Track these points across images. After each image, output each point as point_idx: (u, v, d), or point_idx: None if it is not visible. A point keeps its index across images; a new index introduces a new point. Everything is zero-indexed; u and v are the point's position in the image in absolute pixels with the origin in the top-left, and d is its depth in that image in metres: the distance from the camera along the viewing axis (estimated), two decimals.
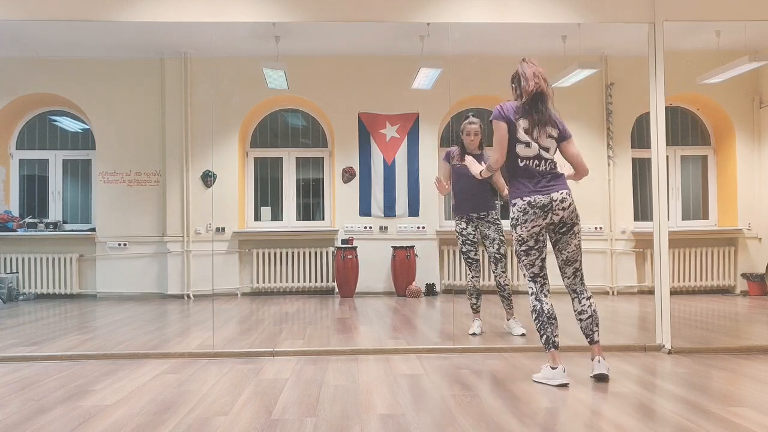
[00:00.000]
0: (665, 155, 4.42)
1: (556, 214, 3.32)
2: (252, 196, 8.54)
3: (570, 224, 3.36)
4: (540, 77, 3.37)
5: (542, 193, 3.32)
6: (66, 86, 8.03)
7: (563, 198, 3.32)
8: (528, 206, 3.32)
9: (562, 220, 3.34)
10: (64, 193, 8.47)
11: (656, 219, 4.39)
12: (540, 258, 3.40)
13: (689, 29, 6.49)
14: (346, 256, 7.79)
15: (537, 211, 3.31)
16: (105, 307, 6.95)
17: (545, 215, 3.32)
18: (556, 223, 3.35)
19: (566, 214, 3.34)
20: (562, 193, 3.33)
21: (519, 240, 3.40)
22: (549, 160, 3.40)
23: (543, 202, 3.31)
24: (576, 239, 3.39)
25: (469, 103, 8.20)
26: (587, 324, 3.41)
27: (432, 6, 4.44)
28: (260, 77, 7.17)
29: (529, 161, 3.36)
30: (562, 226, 3.37)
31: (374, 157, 8.23)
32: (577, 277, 3.44)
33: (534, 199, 3.32)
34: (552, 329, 3.34)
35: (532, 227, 3.34)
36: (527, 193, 3.34)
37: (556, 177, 3.39)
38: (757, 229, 8.00)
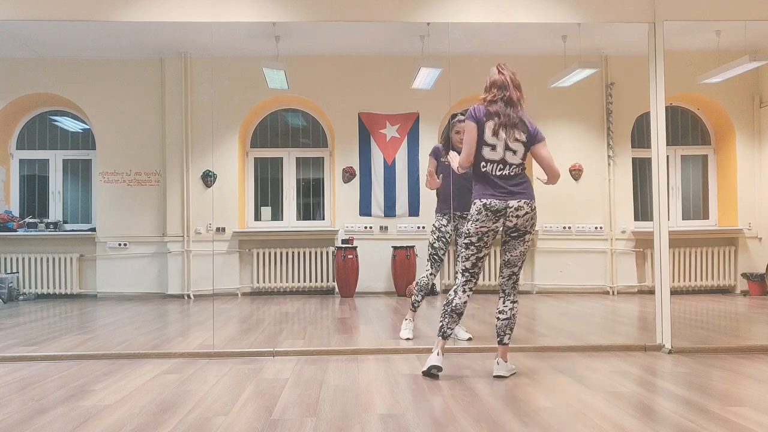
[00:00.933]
0: (665, 155, 4.42)
1: (510, 221, 3.42)
2: (252, 196, 8.54)
3: (522, 231, 3.45)
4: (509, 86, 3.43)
5: (499, 198, 3.40)
6: (66, 86, 8.03)
7: (519, 206, 3.40)
8: (483, 208, 3.42)
9: (515, 226, 3.44)
10: (65, 193, 8.47)
11: (656, 219, 4.39)
12: (476, 256, 3.50)
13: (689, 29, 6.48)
14: (346, 255, 7.79)
15: (489, 214, 3.41)
16: (105, 307, 6.95)
17: (497, 219, 3.41)
18: (509, 227, 3.45)
19: (520, 222, 3.42)
20: (519, 201, 3.40)
21: (466, 233, 3.51)
22: (514, 165, 3.43)
23: (497, 207, 3.40)
24: (523, 246, 3.49)
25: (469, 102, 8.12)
26: (503, 324, 3.56)
27: (432, 6, 4.44)
28: (260, 77, 7.17)
29: (491, 165, 3.42)
30: (514, 231, 3.46)
31: (374, 156, 8.23)
32: (510, 280, 3.57)
33: (490, 203, 3.41)
34: (449, 321, 3.54)
35: (480, 226, 3.44)
36: (485, 195, 3.43)
37: (519, 184, 3.43)
38: (757, 228, 8.00)
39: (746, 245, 8.04)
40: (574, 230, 7.97)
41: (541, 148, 3.47)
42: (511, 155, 3.42)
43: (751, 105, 8.10)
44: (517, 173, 3.43)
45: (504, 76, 3.45)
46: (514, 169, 3.43)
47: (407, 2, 4.44)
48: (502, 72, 3.47)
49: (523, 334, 4.87)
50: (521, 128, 3.43)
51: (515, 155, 3.43)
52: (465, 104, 8.16)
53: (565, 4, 4.46)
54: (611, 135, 8.01)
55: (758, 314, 6.25)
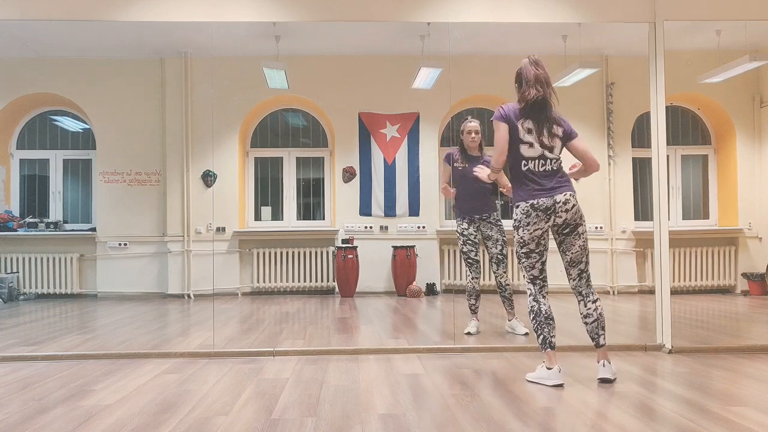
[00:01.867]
0: (666, 155, 4.42)
1: (559, 216, 3.31)
2: (252, 196, 8.54)
3: (573, 225, 3.34)
4: (543, 82, 3.35)
5: (546, 195, 3.30)
6: (66, 86, 8.03)
7: (566, 200, 3.30)
8: (531, 209, 3.31)
9: (565, 222, 3.33)
10: (65, 192, 8.47)
11: (657, 218, 4.39)
12: (540, 261, 3.40)
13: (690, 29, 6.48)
14: (346, 255, 7.79)
15: (540, 213, 3.30)
16: (105, 307, 6.95)
17: (548, 218, 3.31)
18: (559, 224, 3.34)
19: (569, 215, 3.31)
20: (565, 195, 3.31)
21: (520, 242, 3.38)
22: (554, 160, 3.36)
23: (546, 204, 3.29)
24: (580, 240, 3.36)
25: (469, 102, 8.20)
26: (593, 328, 3.39)
27: (432, 5, 4.44)
28: (260, 77, 7.17)
29: (532, 162, 3.34)
30: (565, 228, 3.34)
31: (375, 156, 8.23)
32: (582, 279, 3.41)
33: (537, 202, 3.30)
34: (549, 329, 3.33)
35: (534, 230, 3.33)
36: (530, 195, 3.31)
37: (561, 177, 3.36)
38: (757, 228, 8.00)
39: (746, 245, 8.03)
40: None
41: (578, 142, 3.42)
42: (548, 151, 3.36)
43: (752, 105, 8.10)
44: (557, 168, 3.37)
45: (537, 72, 3.36)
46: (554, 163, 3.36)
47: (407, 2, 4.44)
48: (540, 67, 3.38)
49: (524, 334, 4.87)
50: (556, 123, 3.39)
51: (552, 151, 3.37)
52: (465, 104, 8.19)
53: (566, 4, 4.45)
54: (611, 135, 8.01)
55: (758, 314, 6.25)
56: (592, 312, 3.40)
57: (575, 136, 3.43)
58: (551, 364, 3.31)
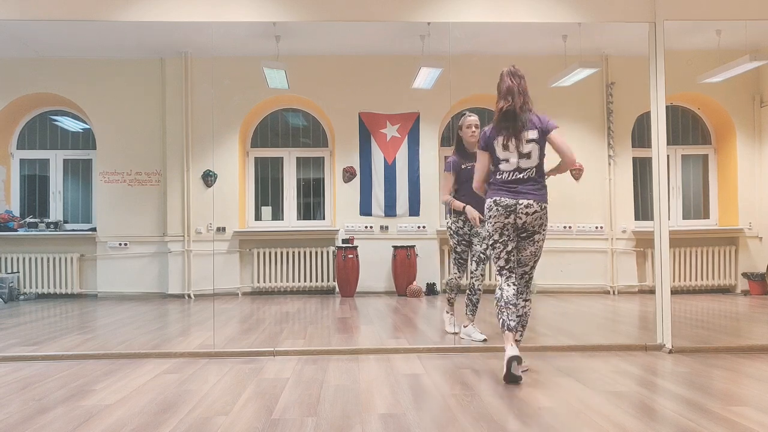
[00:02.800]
0: (666, 154, 4.42)
1: (519, 218, 3.49)
2: (252, 196, 8.54)
3: (531, 231, 3.53)
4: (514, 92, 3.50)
5: (509, 196, 3.50)
6: (66, 86, 8.03)
7: (528, 204, 3.48)
8: (493, 203, 3.53)
9: (524, 225, 3.51)
10: (65, 192, 8.47)
11: (657, 218, 4.39)
12: (505, 251, 3.55)
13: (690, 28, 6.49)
14: (346, 255, 7.79)
15: (500, 209, 3.50)
16: (106, 307, 6.95)
17: (507, 214, 3.49)
18: (519, 226, 3.51)
19: (529, 219, 3.49)
20: (530, 200, 3.48)
21: (487, 235, 3.63)
22: (528, 169, 3.50)
23: (507, 202, 3.50)
24: (533, 246, 3.57)
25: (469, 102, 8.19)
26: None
27: (432, 5, 4.44)
28: (261, 77, 7.17)
29: (506, 173, 3.53)
30: (523, 231, 3.53)
31: (375, 156, 8.23)
32: (523, 279, 3.64)
33: (500, 199, 3.51)
34: (508, 313, 3.47)
35: (495, 222, 3.53)
36: (496, 194, 3.55)
37: (532, 186, 3.50)
38: (757, 228, 8.00)
39: (747, 245, 8.03)
40: (574, 230, 7.97)
41: (554, 137, 3.50)
42: (525, 161, 3.51)
43: (752, 104, 8.10)
44: (531, 177, 3.51)
45: (513, 83, 3.51)
46: (528, 173, 3.51)
47: (407, 2, 4.44)
48: (515, 77, 3.53)
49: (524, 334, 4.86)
50: (529, 127, 3.48)
51: (530, 159, 3.51)
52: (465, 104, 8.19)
53: (566, 4, 4.45)
54: (612, 135, 8.01)
55: (759, 314, 6.24)
56: (519, 308, 3.60)
57: (551, 128, 3.52)
58: (506, 344, 3.41)
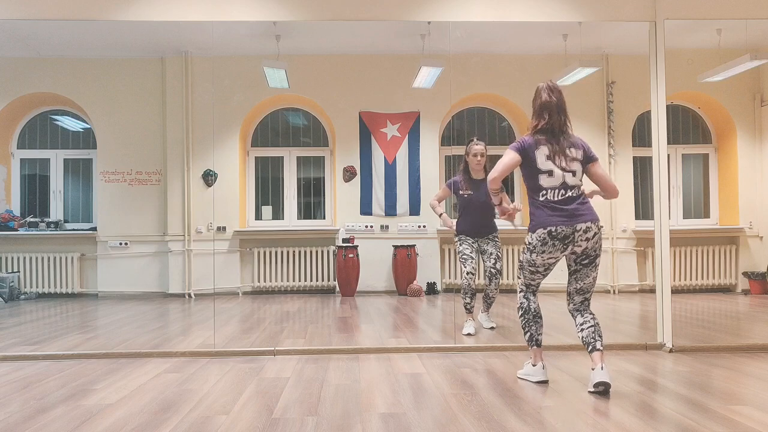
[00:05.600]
0: (666, 154, 4.42)
1: (579, 246, 3.16)
2: (253, 195, 8.54)
3: (593, 256, 3.21)
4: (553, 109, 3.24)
5: (565, 223, 3.14)
6: (67, 86, 8.04)
7: (587, 228, 3.14)
8: (548, 236, 3.16)
9: (585, 252, 3.19)
10: (65, 192, 8.47)
11: (657, 217, 4.39)
12: (542, 280, 3.38)
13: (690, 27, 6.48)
14: (347, 255, 7.79)
15: (557, 243, 3.16)
16: (106, 307, 6.95)
17: (565, 247, 3.17)
18: (578, 254, 3.21)
19: (590, 245, 3.17)
20: (587, 223, 3.15)
21: (530, 262, 3.29)
22: (574, 187, 3.20)
23: (565, 232, 3.14)
24: (595, 272, 3.25)
25: (470, 101, 8.21)
26: (589, 333, 3.22)
27: (433, 5, 4.44)
28: (261, 76, 7.18)
29: (551, 192, 3.19)
30: (584, 258, 3.21)
31: (375, 155, 8.23)
32: (584, 305, 3.31)
33: (556, 230, 3.15)
34: (537, 327, 3.35)
35: (548, 258, 3.23)
36: (550, 222, 3.16)
37: (582, 204, 3.19)
38: (758, 227, 8.00)
39: (747, 244, 8.03)
40: None
41: (596, 167, 3.26)
42: (570, 177, 3.19)
43: (752, 103, 8.09)
44: (578, 194, 3.20)
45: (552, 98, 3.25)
46: (575, 190, 3.19)
47: (408, 1, 4.44)
48: (553, 93, 3.27)
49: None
50: (574, 146, 3.24)
51: (574, 176, 3.20)
52: (465, 103, 8.20)
53: (566, 3, 4.45)
54: (612, 134, 8.01)
55: (759, 313, 6.24)
56: (590, 319, 3.26)
57: (595, 159, 3.28)
58: (536, 361, 3.35)
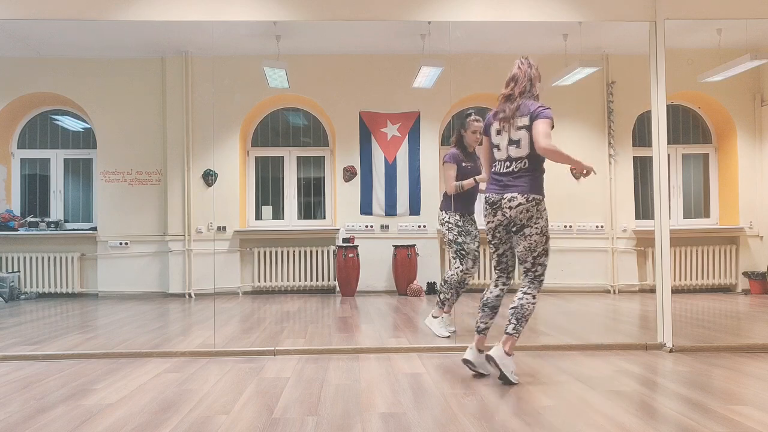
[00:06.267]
0: (666, 153, 4.42)
1: (504, 214, 3.42)
2: (253, 195, 8.54)
3: (520, 225, 3.40)
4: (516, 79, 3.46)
5: (496, 192, 3.46)
6: (67, 85, 8.04)
7: (511, 197, 3.38)
8: (485, 202, 3.52)
9: (511, 220, 3.41)
10: (66, 192, 8.48)
11: (657, 217, 4.39)
12: (496, 253, 3.55)
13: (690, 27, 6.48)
14: (347, 254, 7.79)
15: (488, 207, 3.49)
16: (106, 306, 6.96)
17: (494, 212, 3.46)
18: (506, 222, 3.45)
19: (513, 213, 3.38)
20: (513, 194, 3.37)
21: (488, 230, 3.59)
22: (519, 159, 3.38)
23: (493, 199, 3.46)
24: (526, 242, 3.40)
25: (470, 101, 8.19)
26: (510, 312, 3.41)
27: (433, 4, 4.44)
28: (261, 76, 7.18)
29: (498, 164, 3.49)
30: (513, 226, 3.44)
31: (375, 155, 8.23)
32: (527, 277, 3.47)
33: (488, 197, 3.50)
34: (482, 315, 3.52)
35: (487, 222, 3.53)
36: (487, 191, 3.53)
37: (518, 177, 3.38)
38: (758, 227, 8.00)
39: (747, 244, 8.03)
40: (575, 229, 7.97)
41: (536, 125, 3.30)
42: (514, 149, 3.38)
43: (752, 103, 8.09)
44: (521, 168, 3.37)
45: (520, 70, 3.49)
46: (519, 163, 3.38)
47: (408, 1, 4.44)
48: (522, 65, 3.52)
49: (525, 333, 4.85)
50: (522, 113, 3.37)
51: (519, 147, 3.36)
52: (466, 103, 8.19)
53: (567, 3, 4.45)
54: (612, 134, 8.01)
55: (759, 313, 6.24)
56: (517, 299, 3.41)
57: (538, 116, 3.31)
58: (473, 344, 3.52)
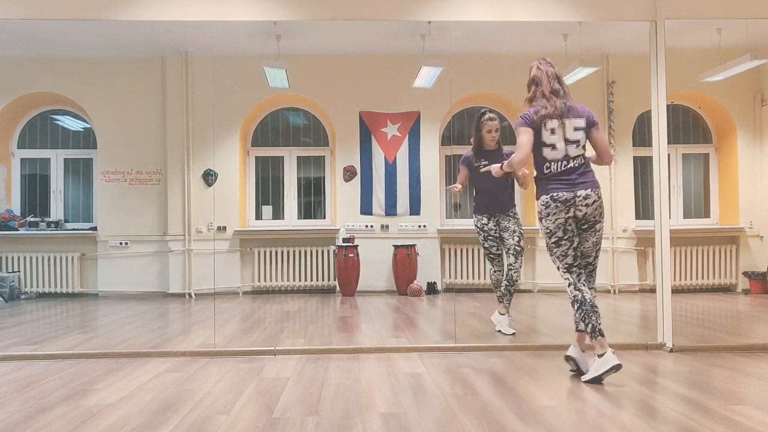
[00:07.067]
0: (666, 153, 4.42)
1: (579, 210, 3.38)
2: (253, 195, 8.54)
3: (593, 222, 3.43)
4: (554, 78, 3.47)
5: (565, 189, 3.38)
6: (67, 85, 8.04)
7: (587, 194, 3.38)
8: (550, 200, 3.40)
9: (585, 217, 3.41)
10: (66, 192, 8.48)
11: (658, 217, 4.39)
12: (572, 247, 3.44)
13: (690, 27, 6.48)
14: (347, 254, 7.79)
15: (559, 204, 3.38)
16: (106, 306, 6.96)
17: (567, 209, 3.38)
18: (578, 218, 3.41)
19: (589, 210, 3.40)
20: (587, 190, 3.38)
21: (547, 233, 3.47)
22: (577, 157, 3.41)
23: (566, 197, 3.37)
24: (595, 237, 3.47)
25: (470, 101, 8.20)
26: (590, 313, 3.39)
27: (433, 4, 4.44)
28: (261, 76, 7.17)
29: (554, 164, 3.40)
30: (584, 223, 3.43)
31: (375, 155, 8.23)
32: (587, 270, 3.49)
33: (557, 195, 3.38)
34: (596, 318, 3.34)
35: (556, 219, 3.41)
36: (552, 189, 3.41)
37: (584, 174, 3.41)
38: (758, 227, 8.00)
39: (747, 244, 8.03)
40: None
41: (597, 131, 3.47)
42: (573, 148, 3.41)
43: (753, 103, 8.09)
44: (581, 164, 3.42)
45: (541, 71, 3.48)
46: (577, 160, 3.41)
47: (408, 1, 4.44)
48: (540, 68, 3.51)
49: (525, 333, 4.87)
50: (576, 114, 3.42)
51: (578, 147, 3.42)
52: (466, 103, 8.20)
53: (567, 3, 4.45)
54: (612, 133, 8.01)
55: (759, 313, 6.24)
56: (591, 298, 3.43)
57: (595, 123, 3.47)
58: (603, 350, 3.28)
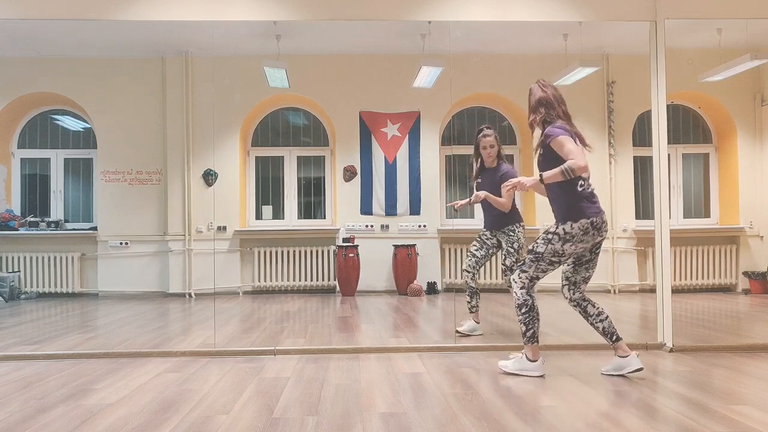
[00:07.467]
0: (666, 153, 4.42)
1: (601, 236, 3.35)
2: (253, 195, 8.54)
3: (599, 245, 3.42)
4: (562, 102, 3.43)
5: (601, 214, 3.32)
6: (67, 85, 8.04)
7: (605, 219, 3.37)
8: (590, 226, 3.29)
9: (602, 241, 3.40)
10: (66, 192, 8.48)
11: (658, 217, 4.39)
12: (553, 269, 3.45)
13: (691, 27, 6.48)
14: (347, 254, 7.79)
15: (594, 232, 3.30)
16: (106, 306, 6.96)
17: (598, 237, 3.34)
18: (597, 244, 3.39)
19: (605, 235, 3.38)
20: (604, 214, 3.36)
21: (556, 253, 3.34)
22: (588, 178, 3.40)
23: (601, 223, 3.32)
24: (598, 257, 3.48)
25: (470, 101, 8.20)
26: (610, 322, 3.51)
27: (433, 4, 4.44)
28: (261, 76, 7.17)
29: (587, 183, 3.36)
30: (597, 247, 3.41)
31: (375, 155, 8.23)
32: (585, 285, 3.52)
33: (597, 220, 3.29)
34: (539, 324, 3.47)
35: (581, 247, 3.34)
36: (591, 212, 3.29)
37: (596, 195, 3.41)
38: (758, 227, 8.00)
39: (747, 243, 8.03)
40: None
41: None
42: None
43: (753, 103, 8.09)
44: None
45: (547, 93, 3.39)
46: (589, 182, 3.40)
47: (408, 1, 4.44)
48: (545, 90, 3.41)
49: None
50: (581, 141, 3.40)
51: None
52: (466, 103, 8.20)
53: (566, 3, 4.45)
54: (612, 133, 8.01)
55: (759, 313, 6.24)
56: (602, 309, 3.50)
57: None
58: (536, 356, 3.46)
